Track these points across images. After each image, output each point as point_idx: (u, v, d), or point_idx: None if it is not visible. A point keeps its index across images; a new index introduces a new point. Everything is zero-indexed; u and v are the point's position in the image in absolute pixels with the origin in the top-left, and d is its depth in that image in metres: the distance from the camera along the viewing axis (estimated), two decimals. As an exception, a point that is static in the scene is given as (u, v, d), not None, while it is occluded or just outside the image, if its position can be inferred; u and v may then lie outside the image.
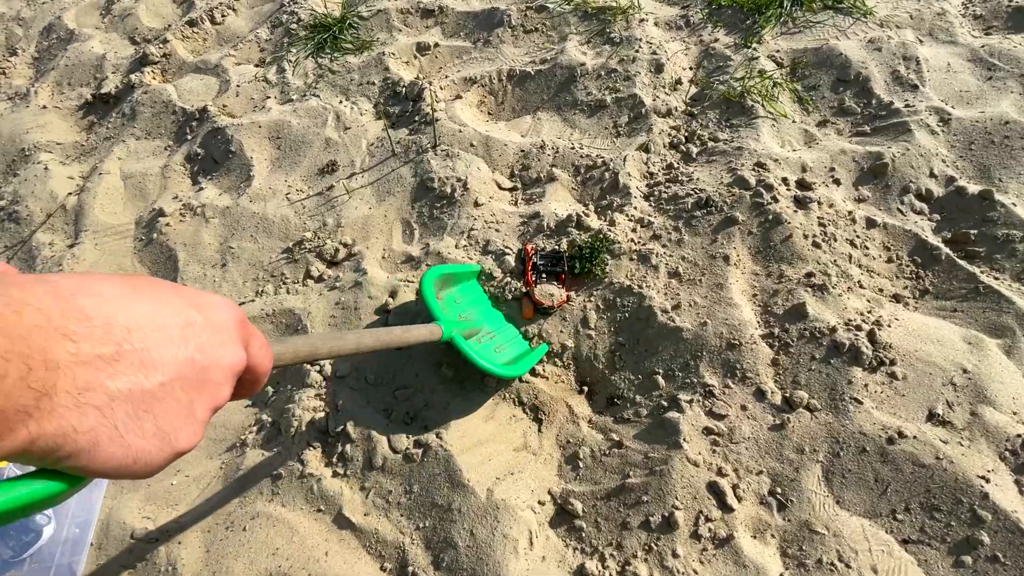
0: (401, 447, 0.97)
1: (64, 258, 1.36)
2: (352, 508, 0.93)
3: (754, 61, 1.46)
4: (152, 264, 1.36)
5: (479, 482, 0.92)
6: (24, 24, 2.24)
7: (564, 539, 0.89)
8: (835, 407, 0.92)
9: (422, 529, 0.90)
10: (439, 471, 0.94)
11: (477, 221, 1.26)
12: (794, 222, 1.12)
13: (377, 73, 1.64)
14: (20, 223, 1.49)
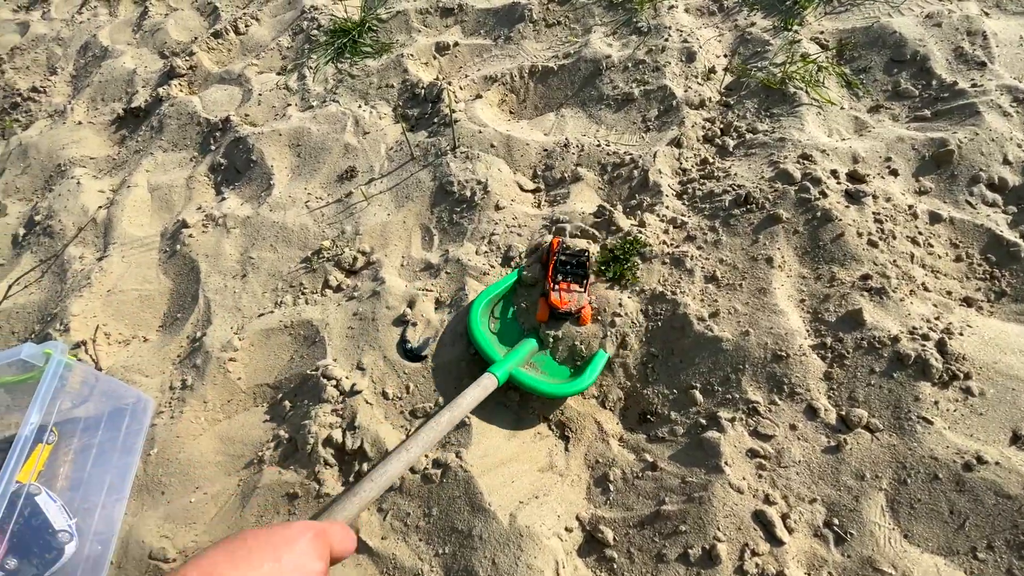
0: (419, 467, 0.91)
1: (92, 271, 1.37)
2: (369, 531, 0.88)
3: (796, 44, 1.35)
4: (176, 276, 1.36)
5: (501, 506, 0.86)
6: (63, 44, 2.32)
7: (594, 570, 0.82)
8: (900, 427, 0.82)
9: (441, 556, 0.85)
10: (459, 493, 0.88)
11: (498, 225, 1.20)
12: (846, 219, 1.02)
13: (396, 75, 1.60)
14: (54, 237, 1.52)
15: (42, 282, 1.44)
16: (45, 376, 0.91)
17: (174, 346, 1.23)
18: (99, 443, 1.10)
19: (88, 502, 1.03)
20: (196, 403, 1.10)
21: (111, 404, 1.13)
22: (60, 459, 1.11)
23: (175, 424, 1.08)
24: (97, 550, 0.98)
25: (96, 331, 1.24)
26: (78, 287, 1.35)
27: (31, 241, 1.56)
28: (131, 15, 2.33)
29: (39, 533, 0.94)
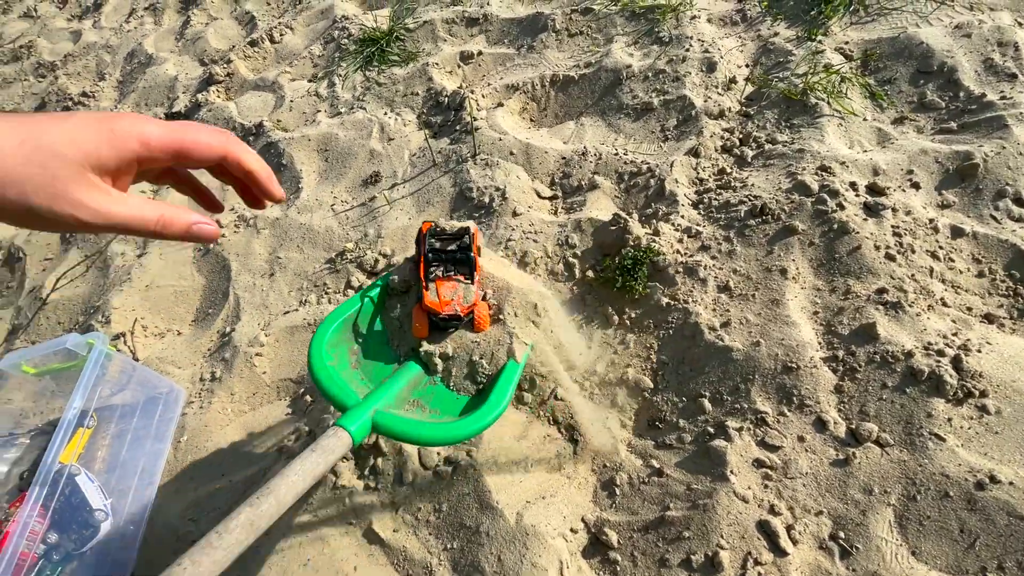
0: (431, 463, 0.95)
1: (133, 267, 1.45)
2: (382, 524, 0.92)
3: (819, 55, 1.34)
4: (208, 273, 1.43)
5: (509, 505, 0.88)
6: (111, 51, 2.45)
7: (597, 572, 0.84)
8: (911, 443, 0.81)
9: (450, 550, 0.88)
10: (468, 491, 0.91)
11: (515, 231, 1.23)
12: (863, 231, 1.01)
13: (421, 84, 1.65)
14: (98, 234, 1.61)
15: (86, 276, 1.53)
16: (88, 365, 0.98)
17: (205, 340, 1.29)
18: (134, 429, 1.17)
19: (122, 484, 1.10)
20: (224, 395, 1.16)
21: (146, 393, 1.20)
22: (98, 443, 1.18)
23: (204, 414, 1.14)
24: (129, 529, 1.05)
25: (134, 324, 1.32)
26: (119, 282, 1.43)
27: (77, 238, 1.65)
28: (174, 24, 2.45)
29: (78, 511, 1.00)
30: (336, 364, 0.76)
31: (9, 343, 1.48)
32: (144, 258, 1.48)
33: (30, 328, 1.48)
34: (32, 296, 1.56)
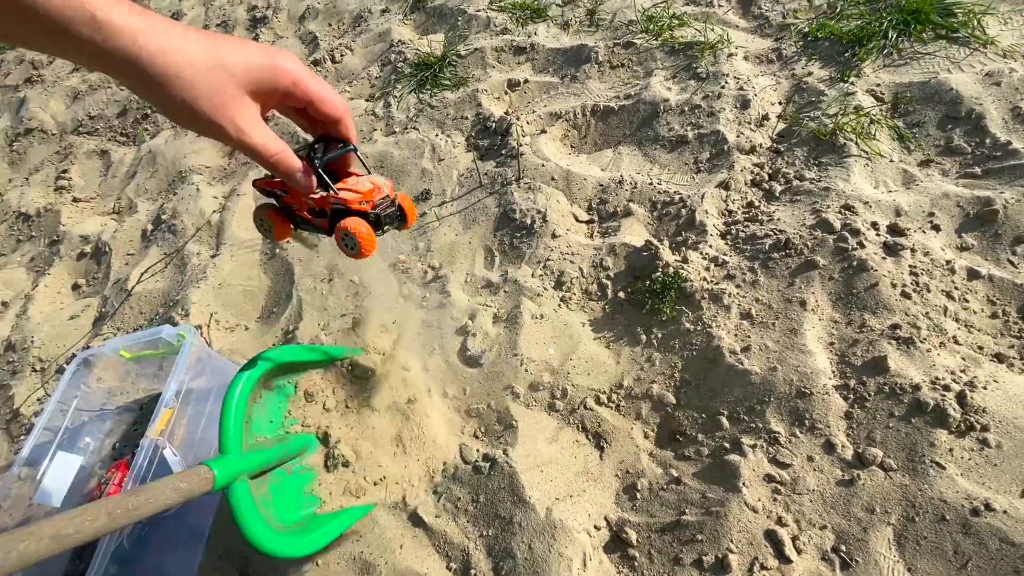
0: (471, 458, 1.06)
1: (208, 266, 1.63)
2: (425, 509, 1.04)
3: (850, 96, 1.41)
4: (274, 275, 1.59)
5: (540, 500, 0.99)
6: (187, 64, 2.68)
7: (617, 566, 0.94)
8: (913, 469, 0.88)
9: (485, 537, 0.99)
10: (504, 485, 1.02)
11: (553, 252, 1.34)
12: (881, 269, 1.08)
13: (471, 108, 1.78)
14: (176, 234, 1.80)
15: (165, 272, 1.72)
16: (182, 353, 1.13)
17: (270, 336, 1.45)
18: (208, 412, 1.32)
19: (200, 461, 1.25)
20: (287, 386, 1.31)
21: (219, 380, 1.35)
22: (178, 422, 1.34)
23: (270, 402, 1.28)
24: (205, 500, 1.20)
25: (210, 318, 1.48)
26: (196, 279, 1.60)
27: (157, 236, 1.84)
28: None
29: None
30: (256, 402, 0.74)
31: (97, 328, 1.67)
32: (217, 259, 1.65)
33: (115, 316, 1.67)
34: (117, 287, 1.75)
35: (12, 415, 1.54)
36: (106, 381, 1.40)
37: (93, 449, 1.31)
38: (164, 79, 0.40)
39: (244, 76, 0.44)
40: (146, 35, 0.39)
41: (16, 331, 1.73)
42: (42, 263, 1.99)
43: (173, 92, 0.41)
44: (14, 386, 1.60)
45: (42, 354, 1.64)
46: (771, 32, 1.69)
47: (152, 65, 0.39)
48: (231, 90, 0.44)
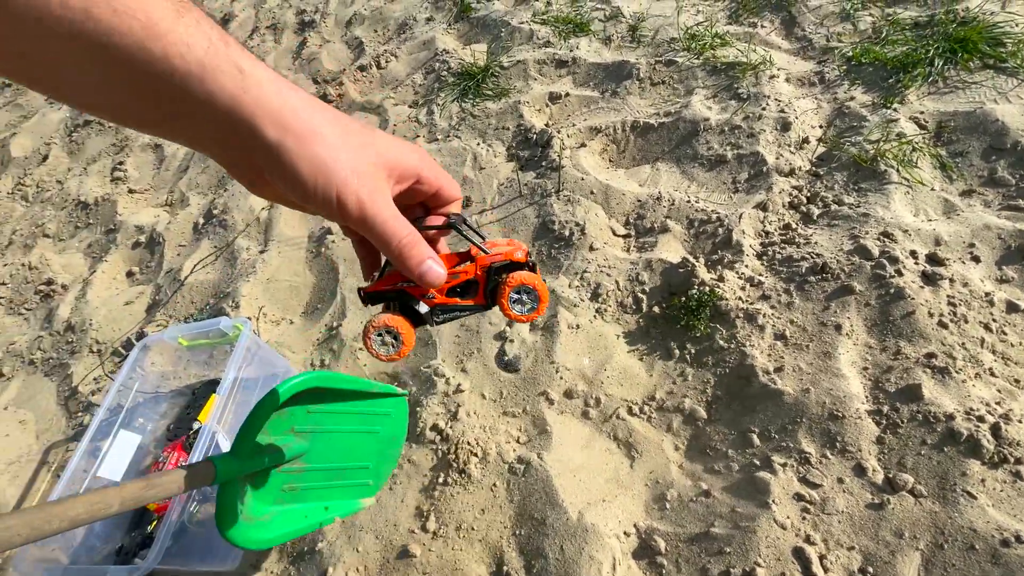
0: (508, 458, 1.11)
1: (256, 261, 1.71)
2: (472, 503, 1.09)
3: (893, 123, 1.42)
4: (319, 272, 1.66)
5: (572, 503, 1.03)
6: (237, 64, 2.79)
7: (644, 572, 0.97)
8: (943, 497, 0.90)
9: (518, 536, 1.04)
10: (538, 487, 1.07)
11: (591, 264, 1.38)
12: (919, 298, 1.10)
13: (512, 119, 1.84)
14: (227, 229, 1.89)
15: (216, 265, 1.81)
16: (239, 344, 1.20)
17: (314, 331, 1.52)
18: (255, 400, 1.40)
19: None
20: (331, 380, 1.37)
21: (266, 370, 1.42)
22: (227, 409, 1.42)
23: (314, 394, 1.35)
24: (251, 483, 1.27)
25: (259, 311, 1.56)
26: (245, 273, 1.69)
27: (208, 230, 1.94)
28: (292, 44, 2.76)
29: (217, 462, 1.23)
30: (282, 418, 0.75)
31: (150, 315, 1.77)
32: (265, 254, 1.73)
33: (168, 304, 1.76)
34: (169, 277, 1.85)
35: (71, 392, 1.65)
36: (159, 365, 1.49)
37: (149, 429, 1.40)
38: (308, 134, 0.35)
39: (385, 153, 0.40)
40: (288, 91, 0.35)
41: (75, 313, 1.84)
42: (99, 250, 2.10)
43: (315, 148, 0.35)
44: (72, 365, 1.70)
45: (99, 336, 1.74)
46: (814, 55, 1.70)
47: (297, 118, 0.34)
48: (372, 159, 0.38)
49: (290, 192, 0.37)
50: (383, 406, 0.89)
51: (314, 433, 0.81)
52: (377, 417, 0.90)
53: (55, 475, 1.48)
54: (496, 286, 0.50)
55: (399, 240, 0.40)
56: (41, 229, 2.28)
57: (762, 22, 1.84)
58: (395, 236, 0.40)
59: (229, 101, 0.32)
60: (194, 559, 1.12)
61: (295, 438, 0.79)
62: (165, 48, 0.30)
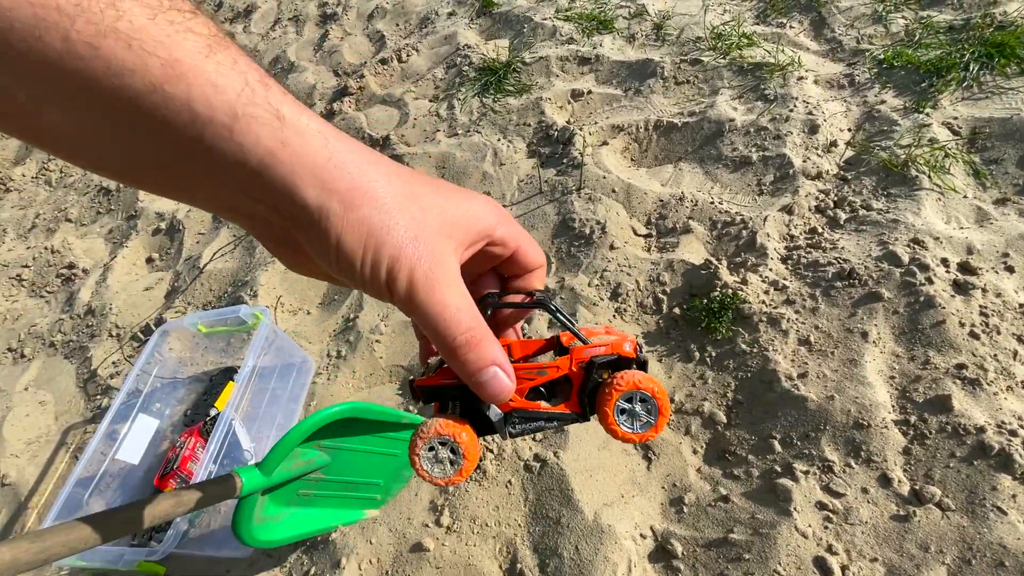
0: (524, 456, 1.10)
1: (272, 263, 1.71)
2: (486, 500, 1.08)
3: (925, 128, 1.39)
4: (336, 264, 1.67)
5: (588, 503, 1.02)
6: (258, 56, 2.81)
7: (660, 575, 0.96)
8: (972, 511, 0.88)
9: (532, 533, 1.03)
10: (553, 486, 1.06)
11: (611, 263, 1.36)
12: (949, 307, 1.07)
13: (534, 115, 1.83)
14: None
15: (235, 253, 1.82)
16: (259, 333, 1.21)
17: (331, 322, 1.52)
18: (271, 389, 1.41)
19: (262, 434, 1.33)
20: (347, 371, 1.38)
21: (283, 360, 1.43)
22: (243, 397, 1.43)
23: (331, 385, 1.36)
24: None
25: (277, 300, 1.57)
26: (264, 263, 1.69)
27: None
28: (313, 36, 2.77)
29: (233, 449, 1.24)
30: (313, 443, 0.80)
31: (169, 301, 1.78)
32: (284, 244, 1.74)
33: (186, 292, 1.77)
34: (188, 264, 1.86)
35: (89, 375, 1.67)
36: (177, 351, 1.50)
37: (166, 414, 1.41)
38: (357, 194, 0.27)
39: (452, 212, 0.32)
40: (338, 143, 0.28)
41: (96, 297, 1.86)
42: (120, 236, 2.13)
43: (364, 212, 0.28)
44: (92, 348, 1.72)
45: (118, 321, 1.76)
46: (844, 57, 1.67)
47: (346, 176, 0.27)
48: (436, 222, 0.30)
49: (334, 269, 0.29)
50: (407, 434, 0.91)
51: (338, 449, 0.83)
52: (399, 442, 0.92)
53: (73, 456, 1.50)
54: (596, 389, 0.37)
55: (455, 337, 0.31)
56: (64, 214, 2.31)
57: (791, 23, 1.81)
58: (452, 331, 0.30)
59: (263, 156, 0.26)
60: (209, 546, 1.13)
61: (319, 452, 0.80)
62: (188, 91, 0.24)
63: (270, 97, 0.26)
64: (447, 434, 0.36)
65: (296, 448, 0.75)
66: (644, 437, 0.36)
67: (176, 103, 0.24)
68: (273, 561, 1.12)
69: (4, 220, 2.38)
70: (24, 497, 1.43)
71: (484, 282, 0.39)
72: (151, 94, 0.23)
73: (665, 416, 0.36)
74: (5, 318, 1.97)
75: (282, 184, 0.26)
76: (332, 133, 0.28)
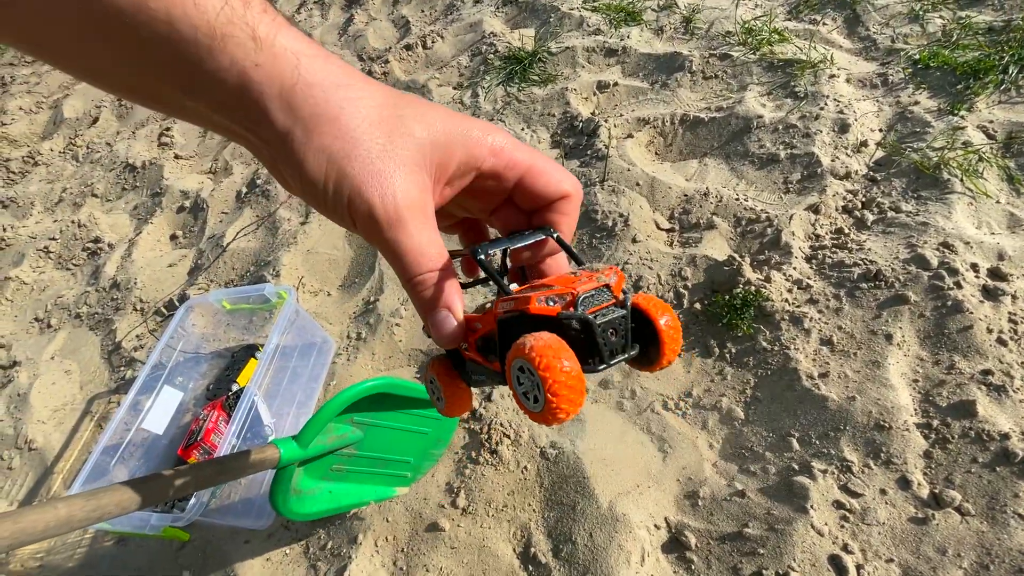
0: (541, 443, 1.11)
1: (297, 232, 1.73)
2: (502, 483, 1.09)
3: (959, 131, 1.36)
4: (357, 247, 1.68)
5: (603, 492, 1.03)
6: (284, 38, 2.82)
7: (673, 566, 0.97)
8: (992, 517, 0.87)
9: (547, 519, 1.04)
10: (569, 473, 1.07)
11: (633, 256, 1.36)
12: (977, 313, 1.06)
13: (558, 106, 1.82)
14: (270, 200, 1.92)
15: (257, 233, 1.84)
16: (284, 311, 1.23)
17: (351, 304, 1.54)
18: (292, 367, 1.43)
19: (282, 411, 1.35)
20: (366, 353, 1.39)
21: (304, 339, 1.45)
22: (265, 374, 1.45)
23: (350, 366, 1.37)
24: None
25: (299, 280, 1.59)
26: (286, 243, 1.71)
27: (251, 199, 1.97)
28: (338, 20, 2.77)
29: (254, 424, 1.26)
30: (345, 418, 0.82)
31: (192, 277, 1.81)
32: (306, 226, 1.76)
33: (209, 269, 1.80)
34: (212, 242, 1.89)
35: (114, 347, 1.70)
36: (200, 327, 1.53)
37: (189, 388, 1.44)
38: (320, 120, 0.26)
39: (428, 140, 0.29)
40: (311, 61, 0.27)
41: (121, 272, 1.90)
42: (144, 212, 2.16)
43: (325, 140, 0.26)
44: (116, 321, 1.76)
45: (142, 295, 1.80)
46: (877, 56, 1.64)
47: (310, 99, 0.26)
48: (408, 150, 0.28)
49: (303, 196, 0.29)
50: (437, 411, 0.92)
51: (370, 425, 0.85)
52: (429, 420, 0.94)
53: (97, 424, 1.54)
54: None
55: (411, 277, 0.29)
56: (90, 189, 2.35)
57: (824, 19, 1.78)
58: (409, 270, 0.29)
59: (238, 77, 0.25)
60: (229, 515, 1.15)
61: (353, 428, 0.83)
62: (169, 8, 0.23)
63: (248, 15, 0.25)
64: (432, 373, 0.38)
65: (330, 423, 0.77)
66: (538, 419, 0.28)
67: (158, 21, 0.23)
68: (291, 533, 1.15)
69: (32, 193, 2.43)
70: (50, 462, 1.47)
71: (507, 217, 0.36)
72: (136, 12, 0.23)
73: (558, 397, 0.26)
74: (33, 289, 2.02)
75: (255, 107, 0.26)
76: (309, 52, 0.27)
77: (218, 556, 1.16)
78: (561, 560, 0.99)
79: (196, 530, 1.18)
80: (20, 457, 1.50)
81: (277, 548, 1.13)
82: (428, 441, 0.98)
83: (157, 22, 0.23)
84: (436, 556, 1.04)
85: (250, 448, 0.66)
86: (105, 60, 0.25)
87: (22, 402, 1.60)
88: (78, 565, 1.25)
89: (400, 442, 0.94)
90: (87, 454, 1.47)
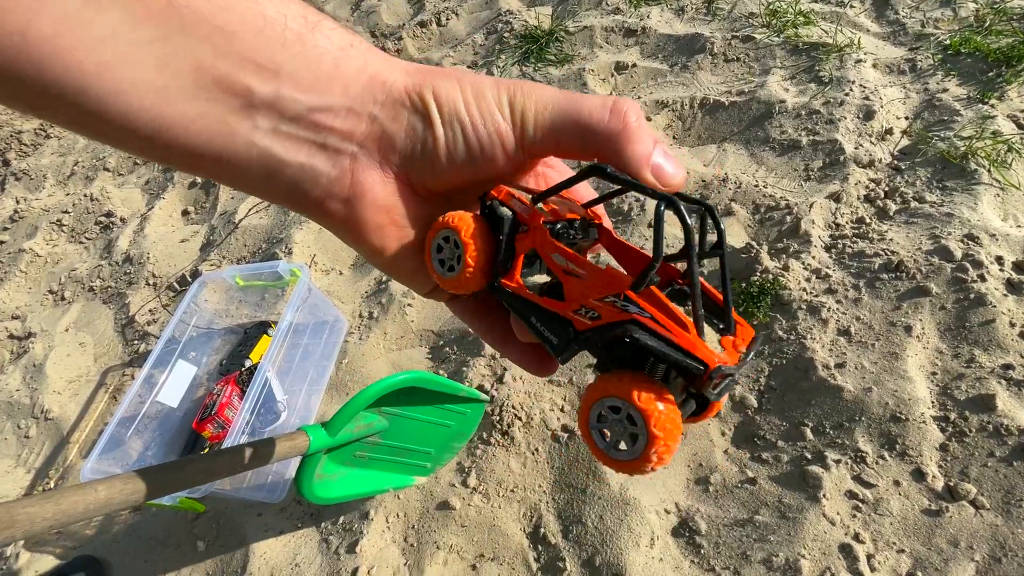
0: (552, 426, 1.12)
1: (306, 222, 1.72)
2: (513, 464, 1.10)
3: (989, 120, 1.33)
4: (369, 227, 1.67)
5: (614, 476, 1.03)
6: (296, 12, 2.77)
7: (683, 550, 0.98)
8: (1007, 511, 0.87)
9: (557, 501, 1.05)
10: (580, 456, 1.07)
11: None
12: (1000, 306, 1.04)
13: (575, 86, 1.79)
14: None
15: (269, 211, 1.83)
16: (297, 288, 1.23)
17: (363, 284, 1.54)
18: (304, 345, 1.43)
19: (294, 388, 1.36)
20: (378, 332, 1.39)
21: (316, 317, 1.45)
22: (278, 352, 1.46)
23: (362, 345, 1.38)
24: (296, 423, 1.31)
25: (312, 259, 1.59)
26: (298, 221, 1.71)
27: (263, 176, 1.96)
28: (351, -5, 2.72)
29: (267, 399, 1.27)
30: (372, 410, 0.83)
31: (204, 253, 1.81)
32: (318, 204, 1.75)
33: (221, 246, 1.80)
34: (224, 219, 1.89)
35: (127, 321, 1.72)
36: (212, 303, 1.53)
37: (203, 363, 1.45)
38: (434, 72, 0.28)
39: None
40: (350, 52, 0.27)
41: (134, 246, 1.90)
42: (156, 187, 2.16)
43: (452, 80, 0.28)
44: (130, 295, 1.77)
45: (155, 270, 1.80)
46: (906, 41, 1.59)
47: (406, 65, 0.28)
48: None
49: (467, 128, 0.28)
50: (463, 407, 0.94)
51: (396, 416, 0.86)
52: (454, 414, 0.95)
53: (112, 396, 1.56)
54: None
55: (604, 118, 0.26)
56: (102, 163, 2.34)
57: (852, 2, 1.73)
58: (598, 114, 0.26)
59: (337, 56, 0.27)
60: (244, 489, 1.17)
61: (379, 417, 0.83)
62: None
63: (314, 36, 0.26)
64: (454, 226, 0.28)
65: (360, 412, 0.78)
66: (623, 468, 0.23)
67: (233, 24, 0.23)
68: (303, 508, 1.16)
69: (44, 166, 2.43)
70: (66, 432, 1.49)
71: None
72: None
73: (659, 443, 0.22)
74: (47, 261, 2.03)
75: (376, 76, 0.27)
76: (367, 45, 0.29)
77: (231, 528, 1.18)
78: (570, 541, 1.00)
79: (210, 502, 1.20)
80: (36, 426, 1.53)
81: (289, 522, 1.15)
82: (450, 434, 1.00)
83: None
84: (446, 534, 1.05)
85: (281, 435, 0.67)
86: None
87: (38, 372, 1.62)
88: (95, 533, 1.28)
89: (423, 433, 0.95)
90: (102, 425, 1.49)
